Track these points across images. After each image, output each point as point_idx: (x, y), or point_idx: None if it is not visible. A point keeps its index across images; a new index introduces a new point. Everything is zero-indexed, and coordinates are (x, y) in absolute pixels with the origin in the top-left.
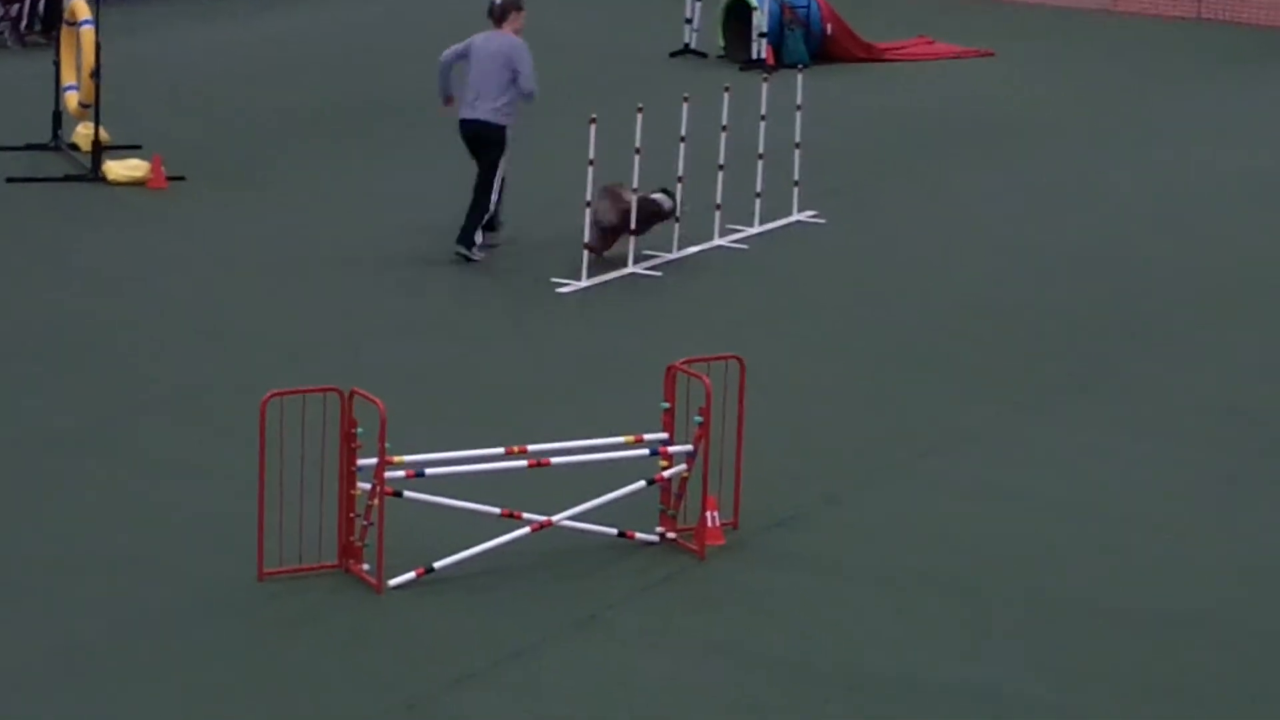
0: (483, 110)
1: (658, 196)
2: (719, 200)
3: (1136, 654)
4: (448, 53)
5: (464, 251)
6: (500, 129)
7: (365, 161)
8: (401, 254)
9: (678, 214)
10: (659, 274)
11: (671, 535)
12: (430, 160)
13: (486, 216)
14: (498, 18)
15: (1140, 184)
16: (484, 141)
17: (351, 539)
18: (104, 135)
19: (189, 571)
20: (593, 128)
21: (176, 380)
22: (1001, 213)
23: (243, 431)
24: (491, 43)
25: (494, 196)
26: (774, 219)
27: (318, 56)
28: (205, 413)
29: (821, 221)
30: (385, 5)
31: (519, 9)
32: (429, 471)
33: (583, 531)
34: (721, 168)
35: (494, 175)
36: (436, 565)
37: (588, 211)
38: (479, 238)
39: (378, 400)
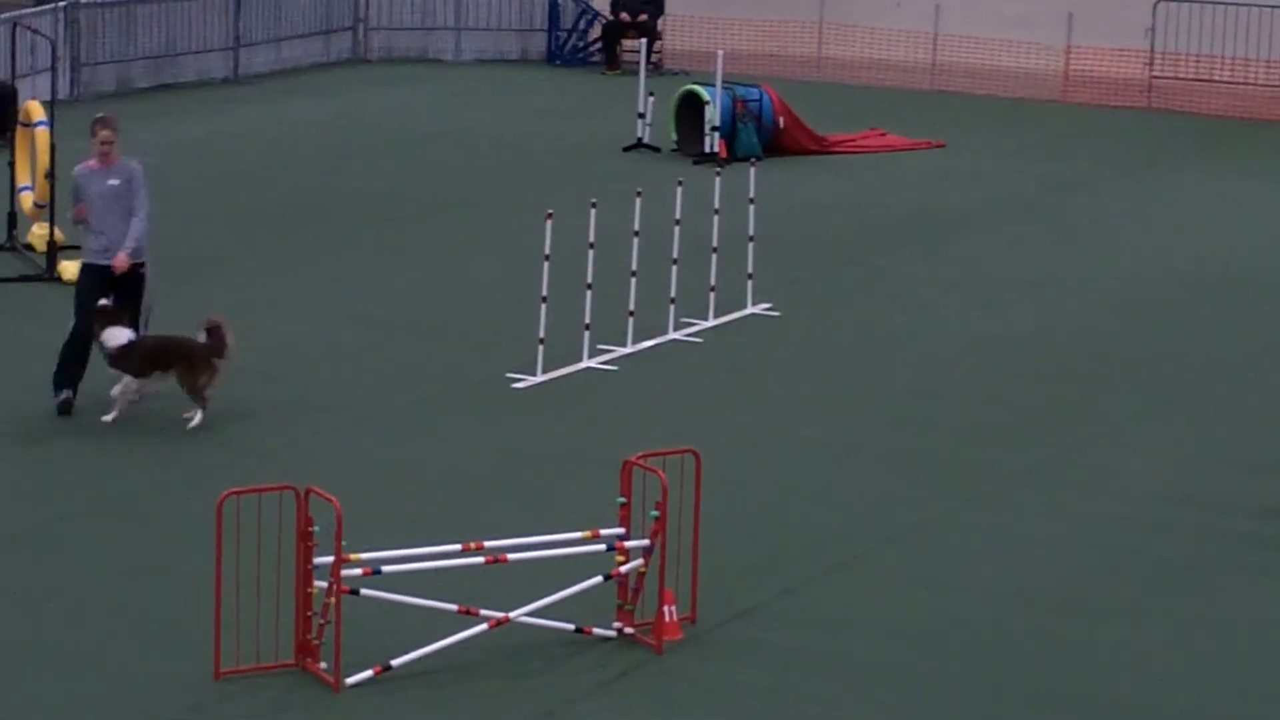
0: None
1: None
2: (673, 294)
3: None
4: None
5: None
6: None
7: (319, 258)
8: (354, 349)
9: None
10: (614, 368)
11: (629, 630)
12: (382, 257)
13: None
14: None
15: (1091, 272)
16: None
17: (308, 637)
18: (59, 235)
19: (145, 671)
20: (549, 223)
21: (131, 479)
22: (953, 302)
23: (199, 530)
24: None
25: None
26: (728, 312)
27: (269, 154)
28: (161, 511)
29: (776, 314)
30: (336, 103)
31: (92, 133)
32: (386, 569)
33: (540, 627)
34: (676, 261)
35: (76, 309)
36: (394, 663)
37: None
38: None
39: (333, 498)
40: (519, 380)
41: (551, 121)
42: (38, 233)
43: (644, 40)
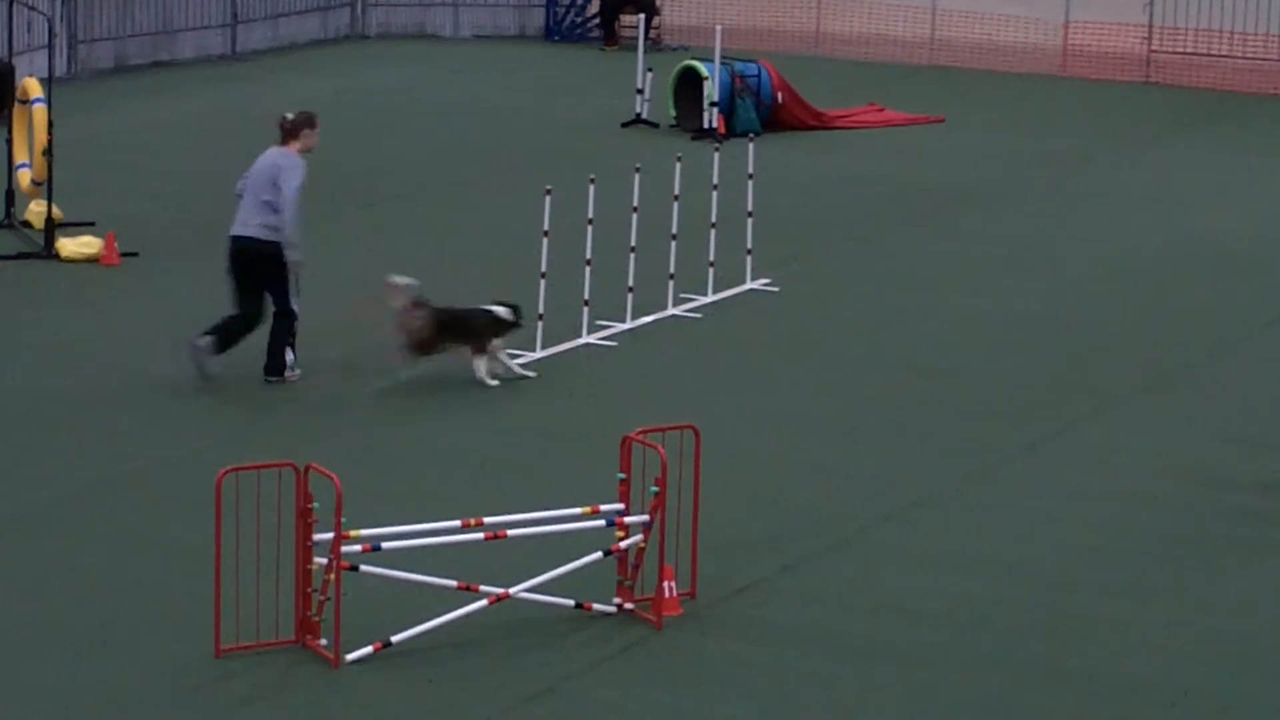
0: (251, 227)
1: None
2: (672, 270)
3: (1092, 719)
4: (240, 181)
5: (275, 380)
6: (273, 245)
7: (316, 235)
8: (352, 325)
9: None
10: (614, 344)
11: (629, 606)
12: (379, 233)
13: (290, 337)
14: (287, 134)
15: (1091, 247)
16: (254, 259)
17: (309, 614)
18: (57, 213)
19: (145, 648)
20: (548, 199)
21: (131, 456)
22: (953, 278)
23: (198, 507)
24: (267, 159)
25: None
26: (727, 287)
27: (266, 132)
28: (160, 489)
29: (775, 289)
30: (334, 80)
31: (312, 126)
32: (386, 545)
33: (540, 603)
34: (675, 237)
35: (286, 296)
36: (394, 639)
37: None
38: (289, 357)
39: (333, 475)
40: (518, 356)
41: (550, 97)
42: (36, 210)
43: (642, 16)
